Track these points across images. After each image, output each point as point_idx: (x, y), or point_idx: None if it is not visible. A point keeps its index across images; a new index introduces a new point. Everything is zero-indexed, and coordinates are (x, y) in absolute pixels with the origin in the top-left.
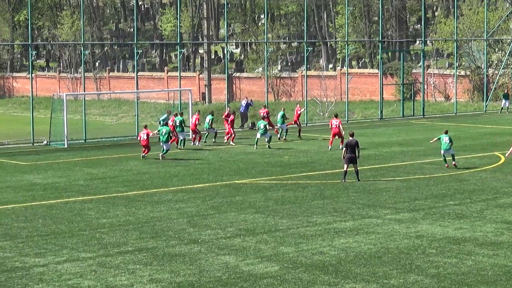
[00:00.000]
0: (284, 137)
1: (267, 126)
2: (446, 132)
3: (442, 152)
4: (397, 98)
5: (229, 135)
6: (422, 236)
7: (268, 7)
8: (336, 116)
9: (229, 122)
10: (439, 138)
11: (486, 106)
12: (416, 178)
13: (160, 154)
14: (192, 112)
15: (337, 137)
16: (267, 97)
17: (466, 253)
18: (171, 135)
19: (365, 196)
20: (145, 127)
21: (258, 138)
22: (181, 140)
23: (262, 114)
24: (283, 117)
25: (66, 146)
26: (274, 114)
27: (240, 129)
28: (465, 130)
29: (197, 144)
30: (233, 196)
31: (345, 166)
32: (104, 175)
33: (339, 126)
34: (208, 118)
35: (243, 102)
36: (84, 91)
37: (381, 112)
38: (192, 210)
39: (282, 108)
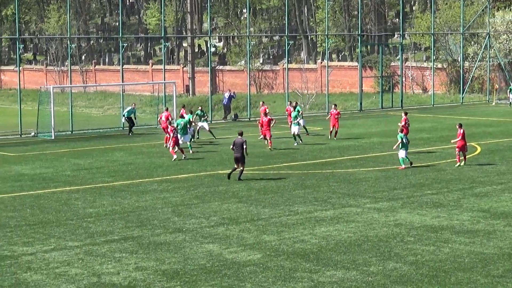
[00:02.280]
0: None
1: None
2: (402, 131)
3: (404, 154)
4: (376, 90)
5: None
6: (401, 224)
7: (250, 2)
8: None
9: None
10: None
11: (462, 98)
12: (395, 168)
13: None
14: (176, 104)
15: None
16: (249, 90)
17: (443, 240)
18: (187, 125)
19: (345, 185)
20: (167, 109)
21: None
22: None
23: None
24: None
25: (53, 138)
26: (256, 106)
27: (223, 121)
28: (442, 121)
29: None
30: (216, 186)
31: (235, 165)
32: (90, 165)
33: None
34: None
35: (226, 95)
36: (71, 84)
37: (361, 104)
38: (176, 200)
39: (295, 102)
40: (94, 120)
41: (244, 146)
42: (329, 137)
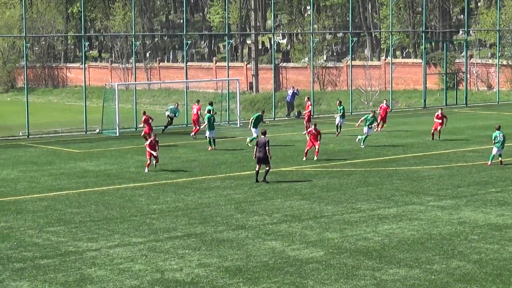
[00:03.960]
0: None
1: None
2: (499, 128)
3: (497, 151)
4: (440, 87)
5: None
6: (465, 222)
7: None
8: None
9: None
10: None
11: None
12: (459, 166)
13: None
14: (240, 101)
15: None
16: (312, 87)
17: (508, 239)
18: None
19: (409, 183)
20: (198, 101)
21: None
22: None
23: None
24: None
25: (117, 134)
26: (320, 103)
27: (286, 118)
28: (507, 119)
29: (194, 136)
30: (279, 183)
31: (257, 166)
32: None
33: None
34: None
35: (290, 92)
36: (135, 81)
37: (425, 101)
38: (239, 197)
39: (339, 101)
40: (158, 117)
41: (267, 147)
42: (431, 138)
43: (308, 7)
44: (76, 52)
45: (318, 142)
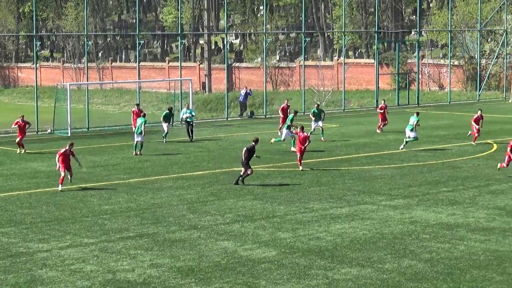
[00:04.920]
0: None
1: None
2: None
3: None
4: (392, 88)
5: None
6: (416, 222)
7: None
8: None
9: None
10: None
11: (479, 95)
12: (411, 165)
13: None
14: (193, 101)
15: None
16: (265, 87)
17: (458, 238)
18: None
19: (361, 183)
20: (137, 105)
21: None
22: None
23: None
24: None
25: (69, 135)
26: (273, 103)
27: (239, 118)
28: (458, 119)
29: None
30: (232, 183)
31: (246, 170)
32: (106, 162)
33: None
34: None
35: (242, 92)
36: (87, 81)
37: (377, 101)
38: (192, 197)
39: (293, 112)
40: (110, 117)
41: (253, 154)
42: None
43: (261, 7)
44: (27, 51)
45: (303, 148)
